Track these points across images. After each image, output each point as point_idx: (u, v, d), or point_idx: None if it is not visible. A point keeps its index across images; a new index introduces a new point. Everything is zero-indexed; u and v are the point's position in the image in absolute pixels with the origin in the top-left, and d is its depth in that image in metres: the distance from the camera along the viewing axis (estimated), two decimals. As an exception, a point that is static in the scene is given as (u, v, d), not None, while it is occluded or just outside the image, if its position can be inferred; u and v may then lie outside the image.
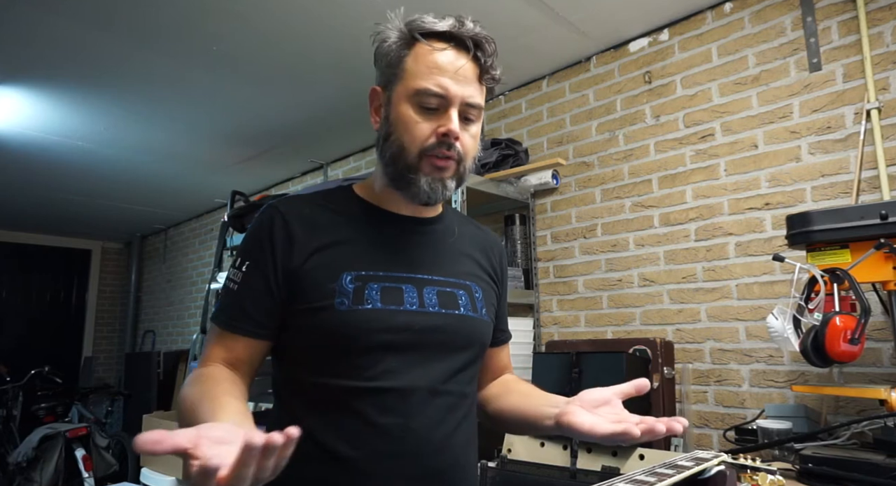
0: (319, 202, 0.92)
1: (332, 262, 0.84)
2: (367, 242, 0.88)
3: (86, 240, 6.42)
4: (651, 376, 1.94)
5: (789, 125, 1.92)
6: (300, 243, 0.85)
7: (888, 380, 1.62)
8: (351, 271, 0.84)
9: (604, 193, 2.39)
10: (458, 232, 0.99)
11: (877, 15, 1.78)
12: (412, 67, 0.84)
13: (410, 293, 0.86)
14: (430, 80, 0.83)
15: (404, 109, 0.84)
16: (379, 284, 0.85)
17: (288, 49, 2.40)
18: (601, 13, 2.18)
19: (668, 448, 1.90)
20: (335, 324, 0.81)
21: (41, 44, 2.32)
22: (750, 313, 1.94)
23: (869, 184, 1.74)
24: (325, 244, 0.86)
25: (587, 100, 2.50)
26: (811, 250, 1.49)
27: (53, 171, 3.92)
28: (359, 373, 0.82)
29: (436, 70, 0.83)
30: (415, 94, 0.83)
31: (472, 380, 0.93)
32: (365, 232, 0.89)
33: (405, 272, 0.87)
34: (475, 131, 0.88)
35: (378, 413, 0.81)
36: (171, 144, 3.51)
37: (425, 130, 0.84)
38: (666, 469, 0.73)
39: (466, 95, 0.84)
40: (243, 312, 0.84)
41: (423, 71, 0.83)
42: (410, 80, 0.84)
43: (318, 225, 0.88)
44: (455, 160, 0.85)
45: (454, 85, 0.83)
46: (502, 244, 1.06)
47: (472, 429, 0.92)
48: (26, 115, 3.00)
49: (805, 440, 1.36)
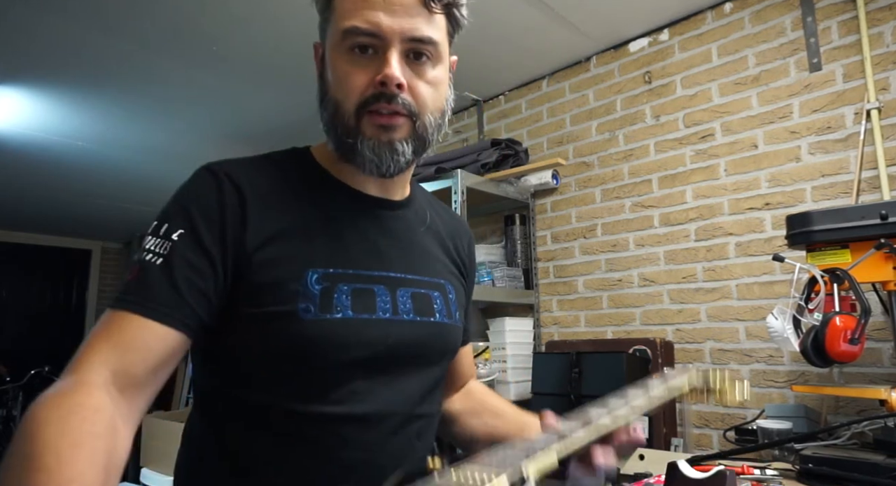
0: (273, 172, 0.72)
1: (295, 254, 0.66)
2: (334, 229, 0.71)
3: (86, 240, 6.42)
4: (651, 376, 1.94)
5: (789, 125, 1.92)
6: (255, 223, 0.66)
7: (888, 380, 1.62)
8: (318, 268, 0.67)
9: (604, 194, 2.39)
10: (429, 218, 0.84)
11: (877, 15, 1.78)
12: (339, 6, 0.68)
13: (383, 297, 0.70)
14: (358, 16, 0.65)
15: (337, 59, 0.68)
16: (349, 285, 0.68)
17: (288, 49, 2.40)
18: (601, 13, 2.18)
19: (668, 449, 1.90)
20: (297, 336, 0.63)
21: (41, 44, 2.32)
22: (750, 314, 1.94)
23: (869, 184, 1.74)
24: (284, 229, 0.67)
25: (587, 100, 2.50)
26: (811, 250, 1.49)
27: (53, 171, 3.92)
28: (320, 396, 0.64)
29: (362, 3, 0.66)
30: (342, 37, 0.67)
31: (440, 396, 0.80)
32: (330, 216, 0.72)
33: (377, 270, 0.71)
34: (434, 76, 0.69)
35: (340, 446, 0.64)
36: (171, 144, 3.51)
37: (360, 80, 0.66)
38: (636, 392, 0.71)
39: (407, 28, 0.66)
40: (175, 293, 0.60)
41: (349, 8, 0.66)
42: (339, 20, 0.67)
43: (274, 202, 0.69)
44: (405, 115, 0.67)
45: (388, 18, 0.65)
46: (471, 233, 0.94)
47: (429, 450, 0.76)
48: (26, 115, 3.00)
49: (805, 441, 1.36)
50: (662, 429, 1.91)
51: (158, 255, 0.62)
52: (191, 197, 0.67)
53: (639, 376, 1.95)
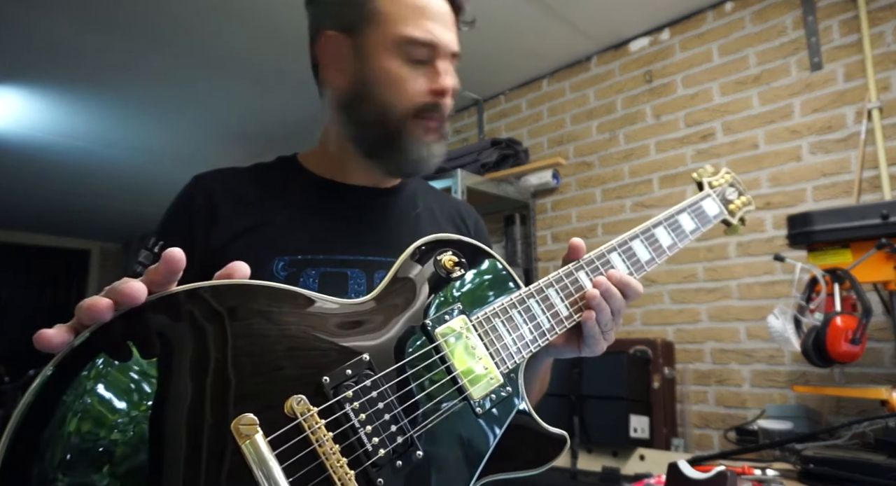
0: (252, 176, 0.78)
1: (262, 244, 0.70)
2: (308, 220, 0.74)
3: (85, 240, 6.41)
4: (651, 376, 1.94)
5: (790, 125, 1.92)
6: (224, 221, 0.71)
7: (889, 380, 1.61)
8: (284, 255, 0.69)
9: (604, 193, 2.39)
10: (421, 204, 0.84)
11: (878, 14, 1.77)
12: (391, 9, 0.70)
13: (357, 280, 0.71)
14: (418, 26, 0.69)
15: (388, 62, 0.70)
16: (318, 269, 0.70)
17: (288, 49, 2.39)
18: (601, 13, 2.18)
19: (668, 449, 1.89)
20: None
21: (41, 44, 2.31)
22: (751, 314, 1.93)
23: (870, 184, 1.74)
24: (254, 224, 0.71)
25: (587, 99, 2.49)
26: (812, 249, 1.49)
27: (53, 171, 3.91)
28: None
29: (419, 13, 0.69)
30: (399, 42, 0.69)
31: None
32: (305, 209, 0.75)
33: (352, 254, 0.72)
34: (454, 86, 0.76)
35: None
36: (170, 145, 3.51)
37: (417, 86, 0.70)
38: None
39: (451, 42, 0.72)
40: None
41: (406, 14, 0.69)
42: (392, 25, 0.69)
43: (247, 201, 0.73)
44: (445, 121, 0.74)
45: (441, 30, 0.70)
46: (478, 214, 0.94)
47: None
48: (26, 115, 2.99)
49: (806, 441, 1.36)
50: (663, 429, 1.91)
51: (144, 265, 0.71)
52: (169, 211, 0.75)
53: (639, 377, 1.95)
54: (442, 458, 0.53)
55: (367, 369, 0.51)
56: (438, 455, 0.52)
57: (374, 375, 0.51)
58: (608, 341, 0.68)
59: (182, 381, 0.42)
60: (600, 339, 0.66)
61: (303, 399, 0.46)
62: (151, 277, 0.43)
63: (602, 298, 0.65)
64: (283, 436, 0.45)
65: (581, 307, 0.66)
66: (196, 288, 0.45)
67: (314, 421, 0.46)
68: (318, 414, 0.47)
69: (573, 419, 1.89)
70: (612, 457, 1.84)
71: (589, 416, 1.89)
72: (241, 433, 0.43)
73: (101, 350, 0.40)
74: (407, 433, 0.51)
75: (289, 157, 0.82)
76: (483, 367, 0.58)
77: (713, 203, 0.86)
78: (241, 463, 0.42)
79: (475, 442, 0.56)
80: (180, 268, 0.43)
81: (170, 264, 0.42)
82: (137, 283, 0.41)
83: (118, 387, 0.40)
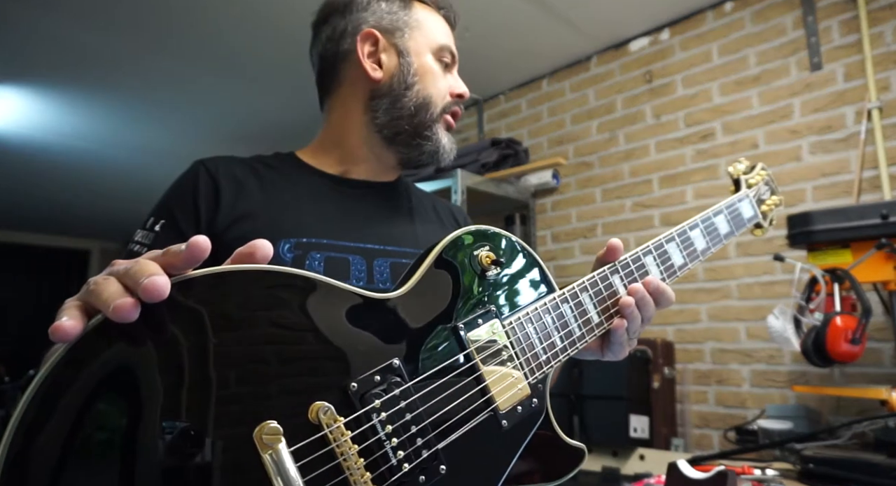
0: (253, 164, 0.80)
1: (267, 227, 0.71)
2: (309, 206, 0.76)
3: (85, 240, 6.42)
4: (651, 376, 1.94)
5: (790, 125, 1.92)
6: (227, 205, 0.72)
7: (889, 380, 1.61)
8: (290, 237, 0.71)
9: (604, 193, 2.39)
10: (415, 200, 0.89)
11: (877, 14, 1.77)
12: (428, 21, 0.83)
13: (358, 266, 0.74)
14: (447, 37, 0.83)
15: (429, 62, 0.81)
16: (322, 253, 0.72)
17: (288, 49, 2.40)
18: (601, 13, 2.18)
19: (668, 448, 1.89)
20: None
21: (41, 44, 2.31)
22: (750, 314, 1.93)
23: (870, 184, 1.74)
24: (258, 207, 0.73)
25: (587, 99, 2.49)
26: (812, 249, 1.49)
27: (53, 171, 3.92)
28: None
29: (444, 27, 0.84)
30: (439, 48, 0.82)
31: None
32: (306, 196, 0.78)
33: (353, 241, 0.75)
34: None
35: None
36: (171, 144, 3.51)
37: (446, 86, 0.82)
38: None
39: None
40: None
41: (438, 26, 0.83)
42: (431, 33, 0.82)
43: (250, 187, 0.75)
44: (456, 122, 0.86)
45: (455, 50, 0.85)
46: (468, 217, 0.98)
47: None
48: (26, 115, 3.00)
49: (806, 441, 1.36)
50: (663, 429, 1.91)
51: (144, 244, 0.70)
52: (171, 191, 0.75)
53: (639, 377, 1.95)
54: (463, 473, 0.51)
55: (397, 376, 0.49)
56: (461, 470, 0.50)
57: (403, 384, 0.49)
58: (632, 347, 0.68)
59: (201, 378, 0.39)
60: (626, 345, 0.67)
61: (330, 409, 0.44)
62: (170, 260, 0.40)
63: (636, 306, 0.64)
64: (306, 448, 0.42)
65: (612, 314, 0.65)
66: (220, 272, 0.41)
67: (340, 434, 0.44)
68: (343, 426, 0.44)
69: (573, 418, 1.89)
70: (612, 457, 1.84)
71: (589, 416, 1.89)
72: (263, 442, 0.40)
73: (115, 344, 0.37)
74: (433, 448, 0.49)
75: (286, 153, 0.86)
76: (512, 377, 0.56)
77: (749, 206, 0.84)
78: (260, 475, 0.39)
79: (498, 456, 0.54)
80: (203, 257, 0.40)
81: (195, 253, 0.39)
82: (161, 278, 0.38)
83: (127, 385, 0.37)
